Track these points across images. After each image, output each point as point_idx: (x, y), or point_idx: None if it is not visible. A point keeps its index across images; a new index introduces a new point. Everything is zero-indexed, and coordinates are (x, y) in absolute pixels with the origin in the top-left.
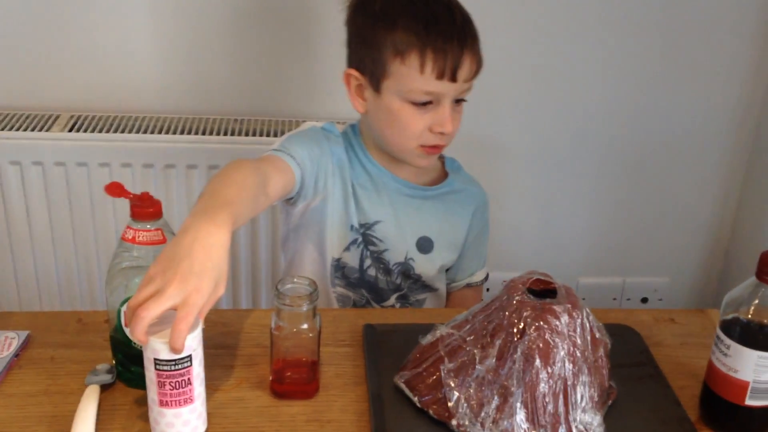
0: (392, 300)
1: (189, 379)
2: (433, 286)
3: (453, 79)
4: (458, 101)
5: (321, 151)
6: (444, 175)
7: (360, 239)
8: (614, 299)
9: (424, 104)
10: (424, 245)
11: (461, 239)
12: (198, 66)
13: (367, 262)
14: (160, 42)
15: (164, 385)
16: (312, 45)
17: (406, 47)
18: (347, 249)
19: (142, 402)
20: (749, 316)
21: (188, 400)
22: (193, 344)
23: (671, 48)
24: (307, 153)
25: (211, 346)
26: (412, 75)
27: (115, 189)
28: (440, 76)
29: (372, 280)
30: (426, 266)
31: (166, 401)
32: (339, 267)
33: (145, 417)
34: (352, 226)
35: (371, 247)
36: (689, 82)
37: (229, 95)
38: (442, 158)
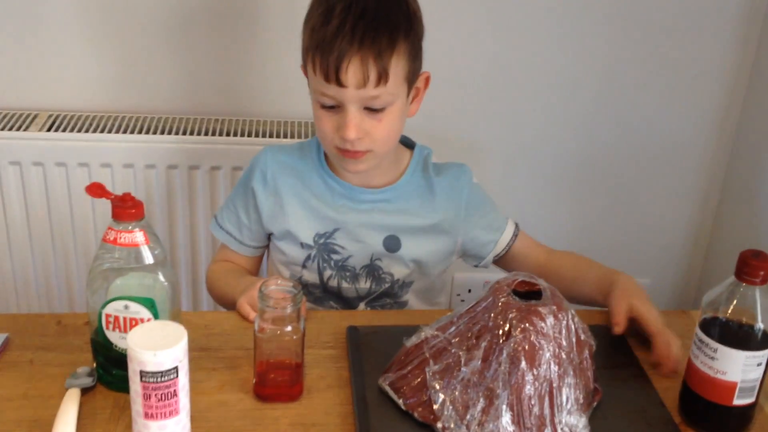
0: (361, 306)
1: (175, 390)
2: (409, 281)
3: (338, 83)
4: (375, 109)
5: (251, 209)
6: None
7: (314, 254)
8: None
9: (332, 107)
10: (391, 244)
11: (434, 231)
12: (179, 66)
13: (328, 273)
14: (140, 41)
15: (150, 397)
16: (293, 44)
17: (306, 46)
18: (304, 266)
19: (124, 405)
20: (728, 315)
21: (174, 412)
22: (180, 355)
23: (652, 51)
24: (246, 223)
25: (193, 348)
26: (312, 76)
27: (97, 190)
28: (326, 79)
29: (335, 291)
30: (395, 265)
31: (152, 413)
32: (302, 286)
33: (126, 420)
34: (302, 244)
35: (334, 256)
36: (671, 84)
37: (209, 95)
38: (411, 149)
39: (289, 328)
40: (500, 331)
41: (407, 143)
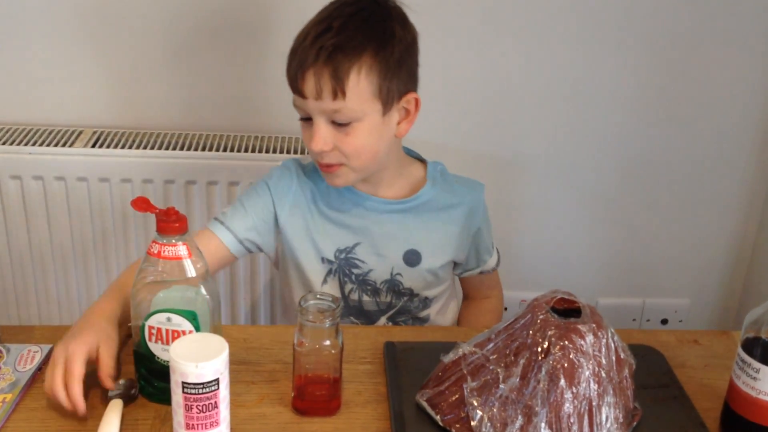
0: (382, 321)
1: (215, 402)
2: (427, 296)
3: (298, 93)
4: (341, 124)
5: (265, 208)
6: (424, 184)
7: (335, 268)
8: (634, 320)
9: (307, 119)
10: (411, 258)
11: (453, 243)
12: (219, 83)
13: (348, 287)
14: (181, 59)
15: (191, 408)
16: None
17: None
18: (324, 282)
19: (165, 417)
20: None
21: (214, 424)
22: (221, 368)
23: (691, 63)
24: (251, 221)
25: (232, 361)
26: None
27: (141, 204)
28: (291, 88)
29: (357, 305)
30: (415, 279)
31: (193, 424)
32: None
33: (167, 430)
34: (323, 259)
35: (355, 270)
36: (711, 96)
37: (250, 112)
38: (424, 164)
39: (327, 343)
40: (539, 349)
41: (417, 157)
